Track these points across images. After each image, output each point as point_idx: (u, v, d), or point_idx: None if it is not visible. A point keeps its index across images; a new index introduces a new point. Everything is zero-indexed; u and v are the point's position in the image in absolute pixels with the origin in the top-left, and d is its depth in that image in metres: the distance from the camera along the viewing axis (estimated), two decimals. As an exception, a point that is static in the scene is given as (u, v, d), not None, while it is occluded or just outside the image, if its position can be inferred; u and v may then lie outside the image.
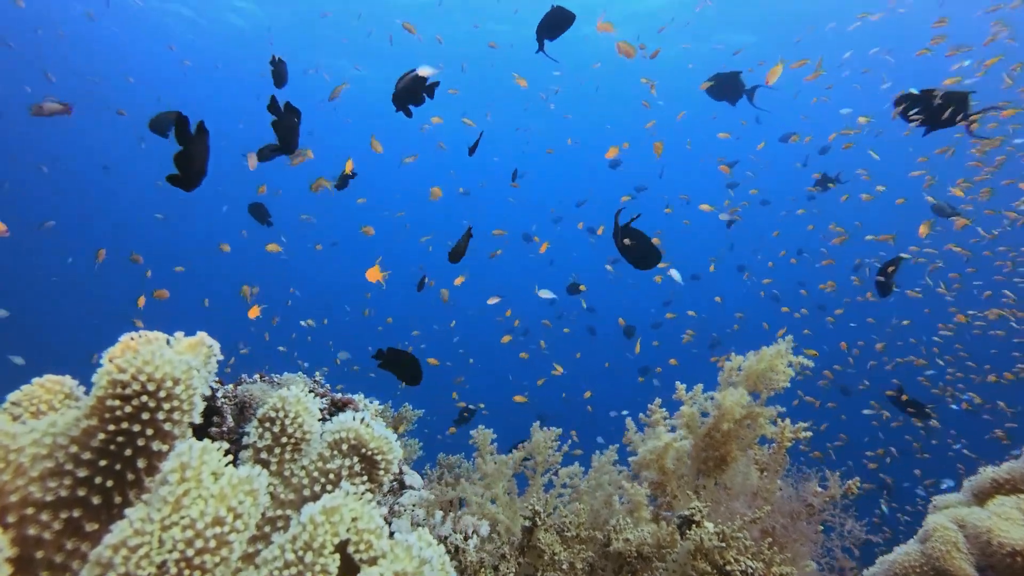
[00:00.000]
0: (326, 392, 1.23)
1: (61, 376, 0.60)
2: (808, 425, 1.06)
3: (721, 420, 1.09)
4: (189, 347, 0.62)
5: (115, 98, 10.70)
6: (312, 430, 0.65)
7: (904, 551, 1.01)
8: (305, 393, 0.65)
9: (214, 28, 11.04)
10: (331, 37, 11.04)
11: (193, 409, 0.56)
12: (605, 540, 0.97)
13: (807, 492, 0.95)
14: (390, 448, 0.64)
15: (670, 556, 0.92)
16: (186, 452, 0.51)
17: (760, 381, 1.14)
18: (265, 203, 4.38)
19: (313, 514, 0.54)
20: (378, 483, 0.64)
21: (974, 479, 1.08)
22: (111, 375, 0.52)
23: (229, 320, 7.02)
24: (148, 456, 0.55)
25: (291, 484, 0.64)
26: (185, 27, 11.01)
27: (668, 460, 1.14)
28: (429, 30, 10.11)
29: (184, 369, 0.55)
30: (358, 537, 0.55)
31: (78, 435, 0.52)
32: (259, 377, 1.16)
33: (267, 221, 4.40)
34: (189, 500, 0.50)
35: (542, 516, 0.95)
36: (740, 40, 10.05)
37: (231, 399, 1.01)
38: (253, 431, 0.64)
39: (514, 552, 0.95)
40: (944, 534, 0.98)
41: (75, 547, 0.53)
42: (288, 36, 10.97)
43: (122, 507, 0.54)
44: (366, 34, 10.04)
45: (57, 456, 0.52)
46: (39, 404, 0.58)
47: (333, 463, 0.63)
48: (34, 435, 0.52)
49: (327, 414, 1.15)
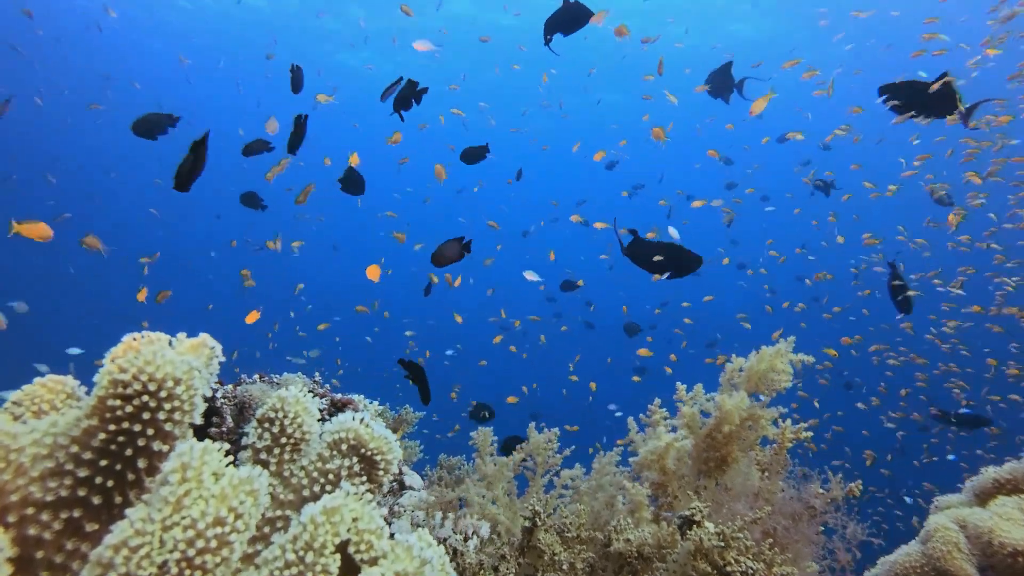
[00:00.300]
0: (326, 392, 1.23)
1: (63, 376, 0.60)
2: (808, 425, 1.06)
3: (722, 423, 1.09)
4: (191, 348, 0.62)
5: (117, 98, 10.69)
6: (311, 430, 0.65)
7: (905, 551, 1.01)
8: (304, 393, 0.65)
9: (218, 20, 11.00)
10: (337, 32, 11.02)
11: (194, 410, 0.56)
12: (606, 540, 0.97)
13: (809, 493, 0.95)
14: (390, 448, 0.64)
15: (670, 556, 0.92)
16: (187, 452, 0.51)
17: (762, 382, 1.13)
18: (258, 192, 4.40)
19: (314, 514, 0.54)
20: (378, 483, 0.64)
21: (976, 479, 1.08)
22: (112, 375, 0.52)
23: (231, 321, 7.01)
24: (149, 456, 0.55)
25: (290, 484, 0.64)
26: (186, 18, 10.96)
27: (669, 461, 1.14)
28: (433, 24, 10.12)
29: (185, 370, 0.55)
30: (359, 537, 0.55)
31: (79, 435, 0.52)
32: (259, 377, 1.16)
33: (261, 206, 4.40)
34: (190, 500, 0.50)
35: (542, 516, 0.95)
36: (753, 29, 9.93)
37: (231, 399, 1.01)
38: (252, 431, 0.64)
39: (514, 552, 0.95)
40: (945, 534, 0.98)
41: (75, 547, 0.53)
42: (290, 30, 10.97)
43: (122, 507, 0.54)
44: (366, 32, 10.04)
45: (58, 456, 0.52)
46: (41, 404, 0.58)
47: (332, 463, 0.63)
48: (35, 435, 0.52)
49: (327, 414, 1.15)
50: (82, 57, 11.52)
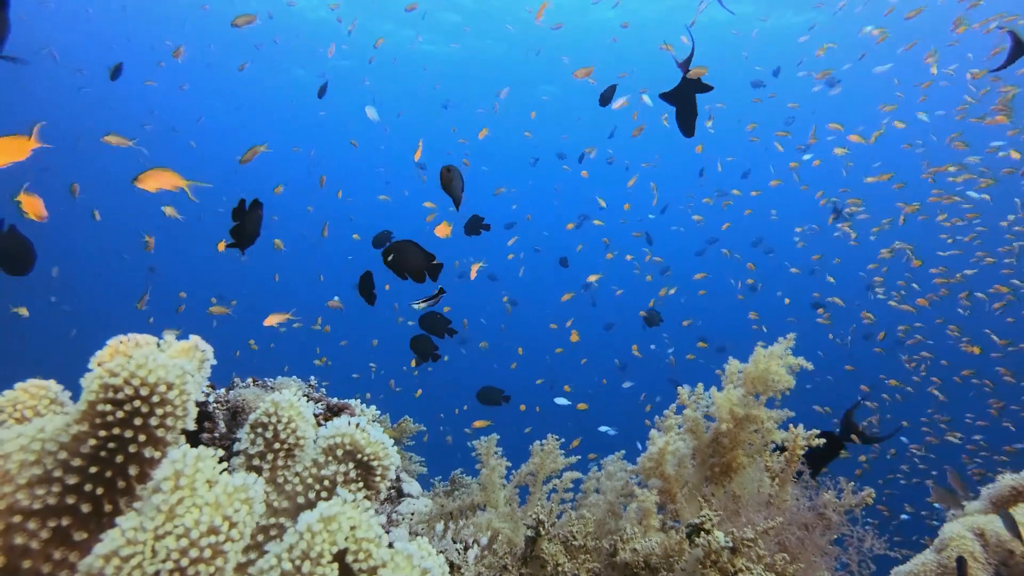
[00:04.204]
0: (321, 397, 1.21)
1: (45, 380, 0.59)
2: (819, 433, 1.04)
3: (720, 422, 1.06)
4: (181, 351, 0.61)
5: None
6: (306, 435, 0.63)
7: (920, 561, 0.98)
8: (298, 397, 0.64)
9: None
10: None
11: (187, 415, 0.55)
12: (611, 550, 0.94)
13: (822, 502, 0.93)
14: (387, 454, 0.62)
15: (678, 565, 0.89)
16: (180, 459, 0.50)
17: (758, 384, 1.11)
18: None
19: (311, 522, 0.53)
20: (375, 490, 0.63)
21: (992, 487, 1.06)
22: (103, 379, 0.51)
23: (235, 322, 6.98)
24: (140, 463, 0.53)
25: (284, 491, 0.62)
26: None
27: (667, 466, 1.11)
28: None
29: (178, 374, 0.54)
30: (357, 546, 0.54)
31: (68, 441, 0.51)
32: (252, 381, 1.15)
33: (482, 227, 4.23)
34: (183, 508, 0.49)
35: (546, 526, 0.92)
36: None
37: (223, 404, 0.99)
38: (245, 437, 0.63)
39: (516, 563, 0.93)
40: (961, 544, 0.95)
41: (63, 557, 0.51)
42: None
43: (112, 516, 0.52)
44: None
45: (45, 462, 0.50)
46: (24, 410, 0.57)
47: (328, 469, 0.62)
48: (22, 440, 0.50)
49: (323, 419, 1.13)
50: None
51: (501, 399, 3.60)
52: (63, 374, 0.63)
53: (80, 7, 10.39)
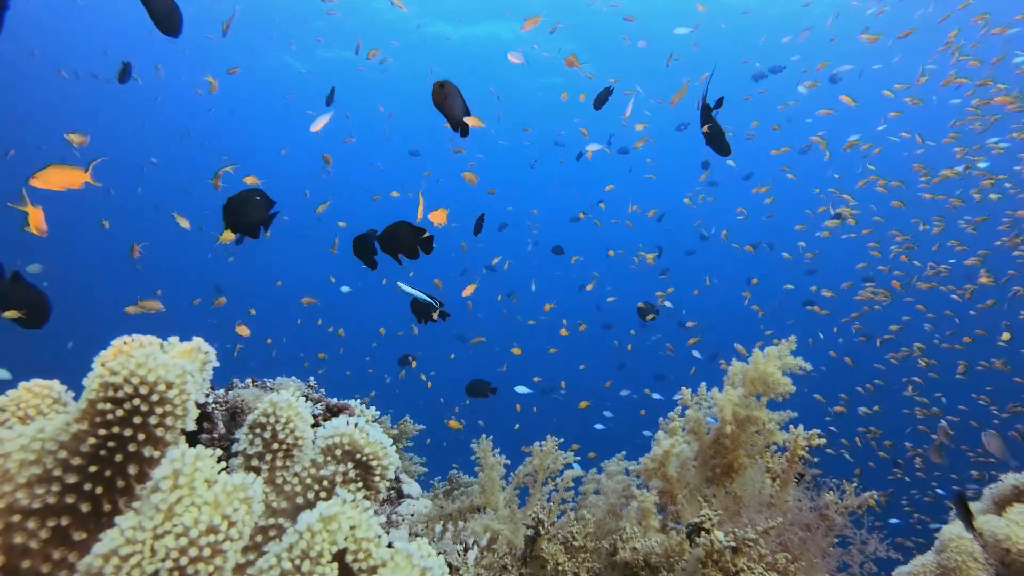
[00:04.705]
0: (320, 397, 1.21)
1: (49, 380, 0.59)
2: (820, 433, 1.04)
3: (723, 423, 1.06)
4: (184, 352, 0.61)
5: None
6: (305, 436, 0.63)
7: (920, 562, 0.98)
8: (297, 398, 0.64)
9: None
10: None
11: (187, 415, 0.55)
12: (611, 549, 0.94)
13: (823, 503, 0.93)
14: (386, 454, 0.62)
15: (679, 565, 0.89)
16: (179, 459, 0.49)
17: (758, 384, 1.11)
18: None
19: (310, 522, 0.53)
20: (374, 490, 0.62)
21: (995, 486, 1.05)
22: (103, 378, 0.51)
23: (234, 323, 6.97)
24: (139, 462, 0.53)
25: (283, 492, 0.62)
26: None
27: (670, 467, 1.11)
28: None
29: (178, 373, 0.54)
30: (356, 546, 0.54)
31: (67, 440, 0.51)
32: (251, 382, 1.14)
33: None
34: (182, 508, 0.48)
35: (546, 525, 0.92)
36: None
37: (222, 404, 0.99)
38: (244, 437, 0.62)
39: (516, 563, 0.93)
40: (960, 544, 0.95)
41: (63, 557, 0.51)
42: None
43: (111, 515, 0.52)
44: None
45: (45, 462, 0.50)
46: (27, 409, 0.57)
47: (327, 469, 0.61)
48: (22, 440, 0.50)
49: (322, 420, 1.13)
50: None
51: (488, 391, 3.67)
52: (68, 380, 0.63)
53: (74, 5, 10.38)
